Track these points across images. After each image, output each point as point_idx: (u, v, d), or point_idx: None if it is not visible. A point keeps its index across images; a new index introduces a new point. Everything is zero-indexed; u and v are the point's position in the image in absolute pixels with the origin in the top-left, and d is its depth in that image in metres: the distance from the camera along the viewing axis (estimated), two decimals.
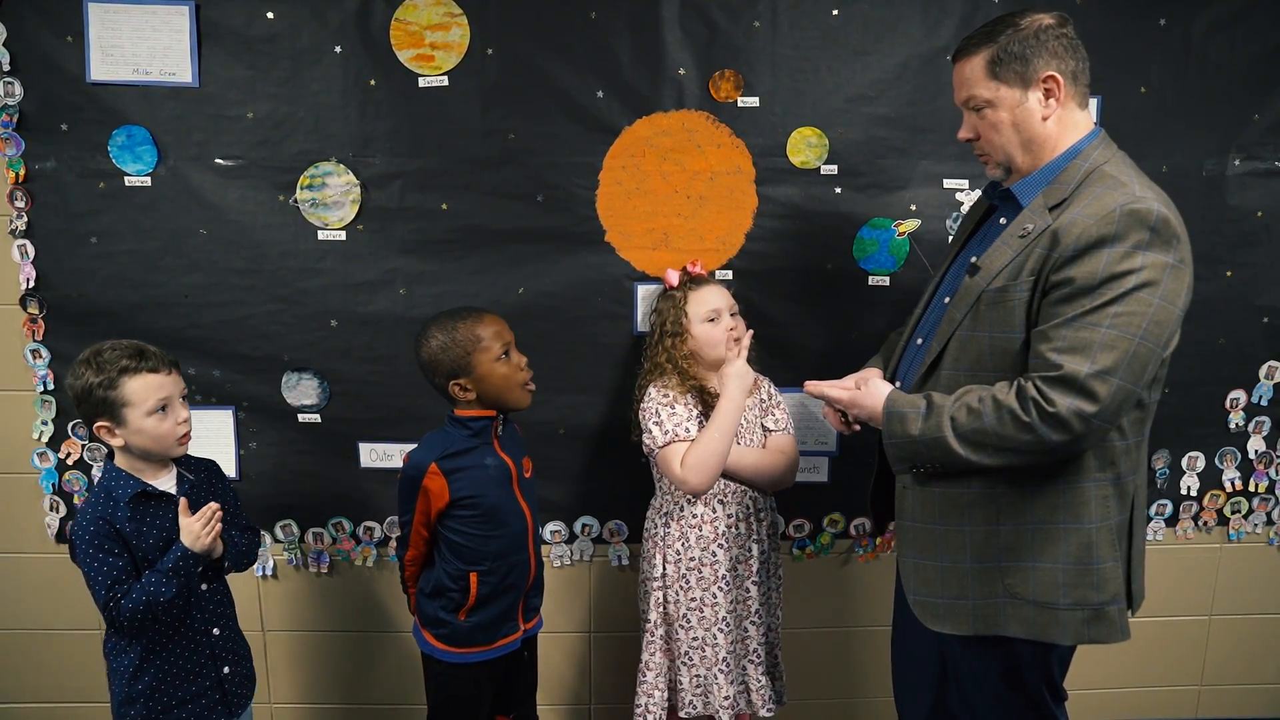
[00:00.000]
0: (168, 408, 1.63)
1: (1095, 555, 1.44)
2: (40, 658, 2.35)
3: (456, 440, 1.77)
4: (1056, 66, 1.43)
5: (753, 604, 1.96)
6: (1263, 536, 2.44)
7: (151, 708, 1.66)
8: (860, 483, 2.28)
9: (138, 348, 1.62)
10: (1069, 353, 1.33)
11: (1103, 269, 1.33)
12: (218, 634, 1.74)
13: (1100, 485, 1.45)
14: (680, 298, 1.98)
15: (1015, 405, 1.36)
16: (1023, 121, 1.46)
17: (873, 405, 1.54)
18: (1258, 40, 2.14)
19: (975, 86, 1.48)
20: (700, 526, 1.93)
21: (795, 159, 2.15)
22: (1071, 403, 1.32)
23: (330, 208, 2.13)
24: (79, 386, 1.59)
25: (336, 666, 2.40)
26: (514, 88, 2.09)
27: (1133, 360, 1.32)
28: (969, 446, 1.40)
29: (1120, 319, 1.32)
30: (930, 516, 1.53)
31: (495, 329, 1.76)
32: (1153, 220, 1.33)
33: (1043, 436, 1.34)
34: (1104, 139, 1.48)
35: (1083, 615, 1.45)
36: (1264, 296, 2.26)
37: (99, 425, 1.61)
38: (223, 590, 1.78)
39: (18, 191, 2.10)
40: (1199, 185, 2.20)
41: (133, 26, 2.04)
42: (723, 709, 1.95)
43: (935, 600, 1.54)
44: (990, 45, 1.45)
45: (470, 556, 1.78)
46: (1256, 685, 2.54)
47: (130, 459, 1.66)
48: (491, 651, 1.83)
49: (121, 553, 1.60)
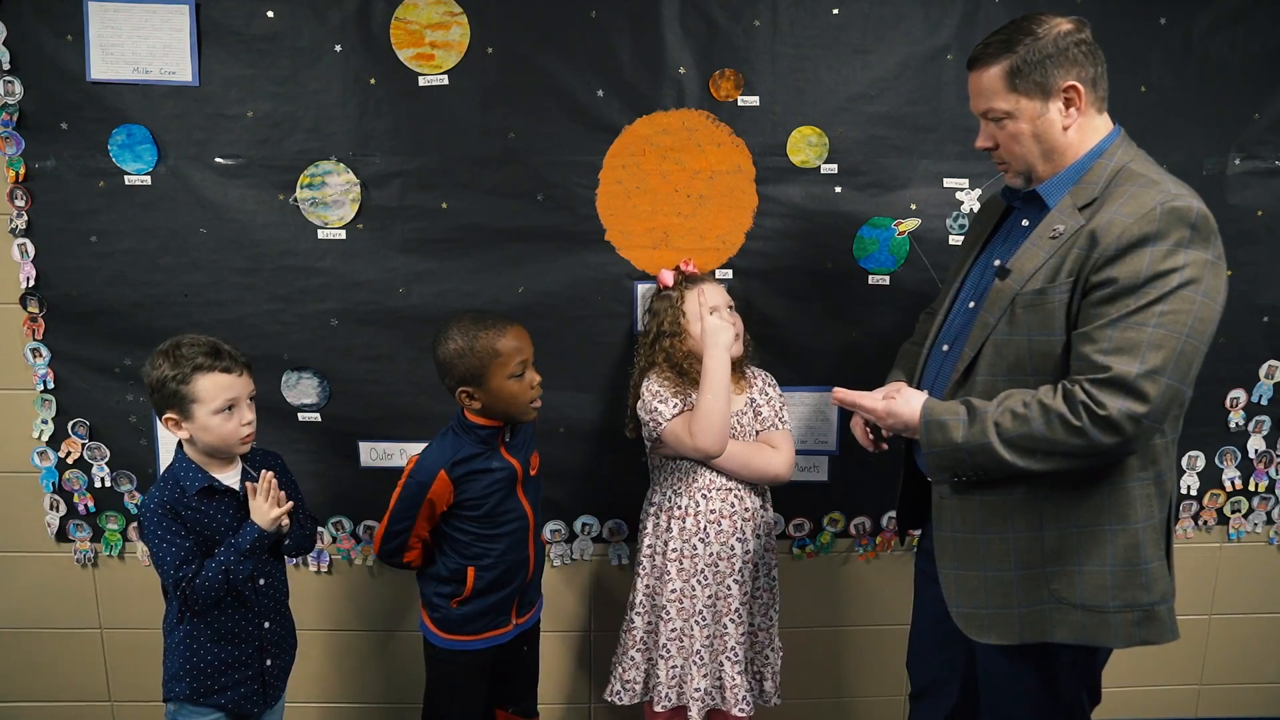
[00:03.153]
0: (234, 408, 1.68)
1: (1143, 555, 1.42)
2: (40, 658, 2.35)
3: (466, 445, 1.77)
4: (1077, 75, 1.41)
5: (733, 601, 1.96)
6: (1263, 536, 2.44)
7: (195, 688, 1.71)
8: (860, 482, 2.30)
9: (214, 346, 1.68)
10: (1116, 354, 1.31)
11: (1146, 268, 1.31)
12: (268, 627, 1.78)
13: (1144, 484, 1.43)
14: (677, 297, 1.98)
15: (1064, 409, 1.34)
16: (1043, 132, 1.44)
17: (909, 414, 1.49)
18: (1258, 39, 2.14)
19: (994, 99, 1.45)
20: (684, 518, 1.94)
21: (795, 158, 2.15)
22: (1123, 404, 1.30)
23: (330, 207, 2.13)
24: (155, 377, 1.64)
25: (337, 665, 2.39)
26: (514, 87, 2.09)
27: (1180, 359, 1.31)
28: (1016, 452, 1.38)
29: (1167, 318, 1.30)
30: (971, 526, 1.50)
31: (516, 344, 1.74)
32: (1193, 217, 1.32)
33: (1094, 440, 1.32)
34: (1125, 138, 1.47)
35: (1134, 617, 1.43)
36: (1264, 296, 2.26)
37: (168, 417, 1.66)
38: (279, 585, 1.83)
39: (18, 190, 2.10)
40: (1199, 184, 2.13)
41: (133, 25, 2.04)
42: (693, 700, 1.95)
43: (980, 611, 1.50)
44: (1009, 55, 1.42)
45: (469, 553, 1.79)
46: (1256, 685, 2.54)
47: (198, 452, 1.71)
48: (480, 642, 1.84)
49: (187, 535, 1.65)
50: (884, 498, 2.27)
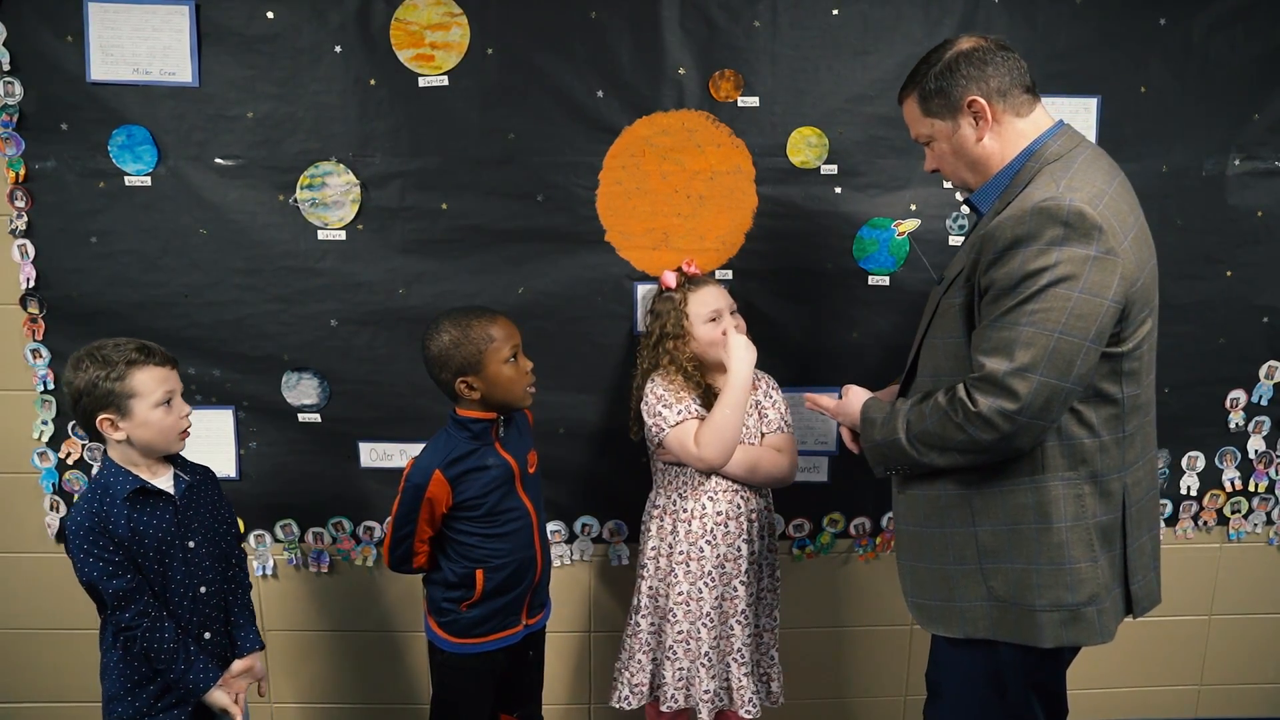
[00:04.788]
0: (172, 401, 1.66)
1: (1067, 555, 1.44)
2: (40, 658, 2.35)
3: (459, 443, 1.77)
4: (977, 90, 1.46)
5: (739, 603, 1.96)
6: (1263, 536, 2.44)
7: (138, 708, 1.68)
8: (860, 483, 2.29)
9: (141, 344, 1.65)
10: (991, 353, 1.37)
11: (1018, 268, 1.35)
12: (209, 639, 1.74)
13: (1071, 484, 1.44)
14: (680, 299, 1.98)
15: (947, 406, 1.41)
16: (960, 148, 1.50)
17: (852, 412, 1.62)
18: (1258, 40, 2.14)
19: (916, 125, 1.55)
20: (690, 521, 1.94)
21: (795, 159, 2.15)
22: (993, 402, 1.35)
23: (330, 207, 2.13)
24: (84, 380, 1.60)
25: (337, 666, 2.39)
26: (514, 87, 2.09)
27: (1054, 355, 1.33)
28: (919, 447, 1.47)
29: (1037, 316, 1.33)
30: (917, 520, 1.56)
31: (507, 330, 1.78)
32: (1064, 215, 1.33)
33: (973, 436, 1.39)
34: (1063, 134, 1.47)
35: (1059, 616, 1.45)
36: (1264, 296, 2.26)
37: (103, 418, 1.61)
38: (221, 593, 1.77)
39: (18, 191, 2.10)
40: (1199, 185, 2.20)
41: (133, 26, 2.04)
42: (702, 702, 1.95)
43: (929, 602, 1.56)
44: (916, 85, 1.51)
45: (476, 555, 1.79)
46: (1256, 685, 2.54)
47: (128, 455, 1.66)
48: (491, 644, 1.84)
49: (115, 550, 1.61)
50: (884, 498, 2.27)
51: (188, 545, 1.69)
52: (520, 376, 1.79)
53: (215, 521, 1.77)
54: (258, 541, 2.29)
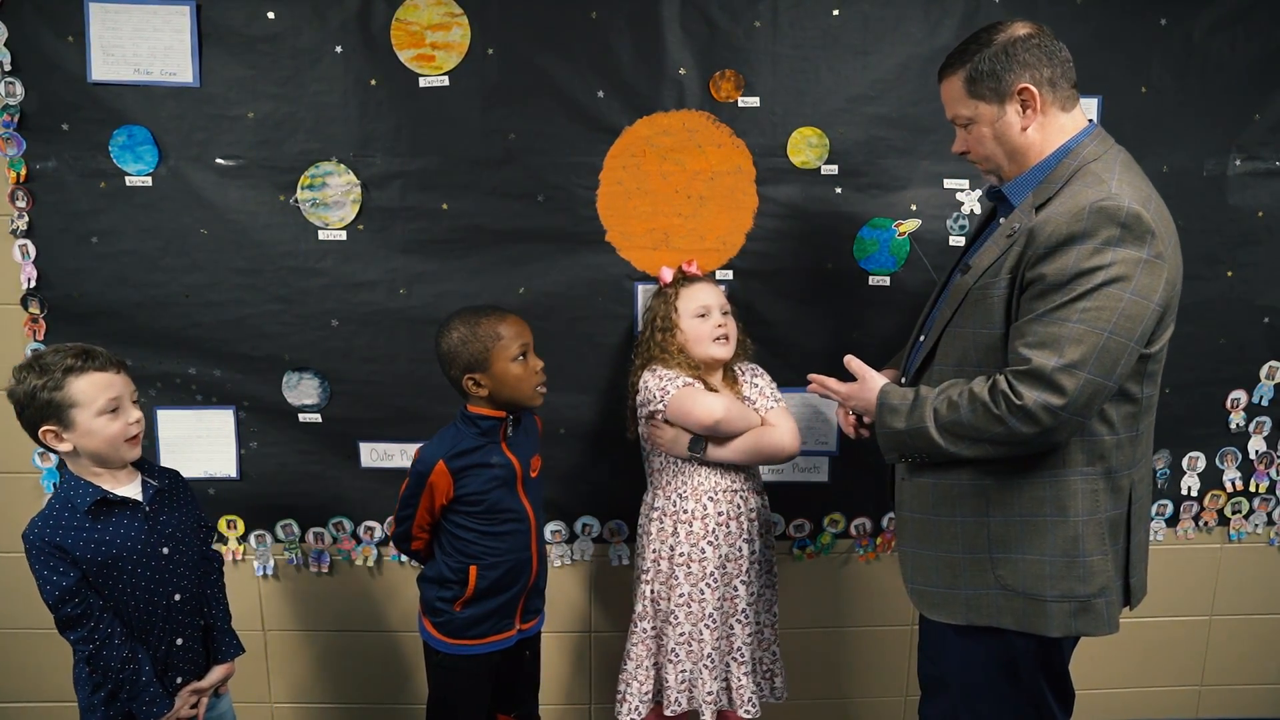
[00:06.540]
0: (119, 408, 1.58)
1: (1081, 548, 1.46)
2: (41, 658, 2.35)
3: (466, 438, 1.79)
4: (1029, 78, 1.45)
5: (740, 603, 1.96)
6: (1263, 537, 2.44)
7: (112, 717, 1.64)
8: (861, 483, 2.30)
9: (83, 348, 1.58)
10: (1038, 348, 1.36)
11: (1072, 265, 1.35)
12: (180, 644, 1.70)
13: (1089, 479, 1.46)
14: (672, 294, 1.99)
15: (988, 398, 1.40)
16: (1003, 134, 1.50)
17: (868, 398, 1.60)
18: (1258, 40, 2.14)
19: (956, 105, 1.53)
20: (690, 523, 1.94)
21: (796, 159, 2.15)
22: (1039, 396, 1.35)
23: (331, 207, 2.13)
24: (23, 390, 1.53)
25: (337, 666, 2.40)
26: (514, 88, 2.09)
27: (1102, 354, 1.34)
28: (949, 438, 1.46)
29: (1089, 314, 1.34)
30: (925, 507, 1.57)
31: (516, 329, 1.79)
32: (1122, 216, 1.34)
33: (1013, 429, 1.38)
34: (1098, 135, 1.49)
35: (1069, 607, 1.47)
36: (1264, 296, 2.26)
37: (45, 430, 1.55)
38: (198, 597, 1.74)
39: (19, 191, 2.10)
40: (1199, 185, 2.20)
41: (134, 26, 2.04)
42: (705, 704, 1.96)
43: (931, 589, 1.57)
44: (965, 64, 1.49)
45: (471, 551, 1.80)
46: (1256, 685, 2.54)
47: (84, 465, 1.60)
48: (483, 646, 1.84)
49: (68, 570, 1.56)
50: (884, 498, 2.26)
51: (161, 552, 1.65)
52: (529, 375, 1.79)
53: (189, 526, 1.72)
54: (258, 541, 2.29)
